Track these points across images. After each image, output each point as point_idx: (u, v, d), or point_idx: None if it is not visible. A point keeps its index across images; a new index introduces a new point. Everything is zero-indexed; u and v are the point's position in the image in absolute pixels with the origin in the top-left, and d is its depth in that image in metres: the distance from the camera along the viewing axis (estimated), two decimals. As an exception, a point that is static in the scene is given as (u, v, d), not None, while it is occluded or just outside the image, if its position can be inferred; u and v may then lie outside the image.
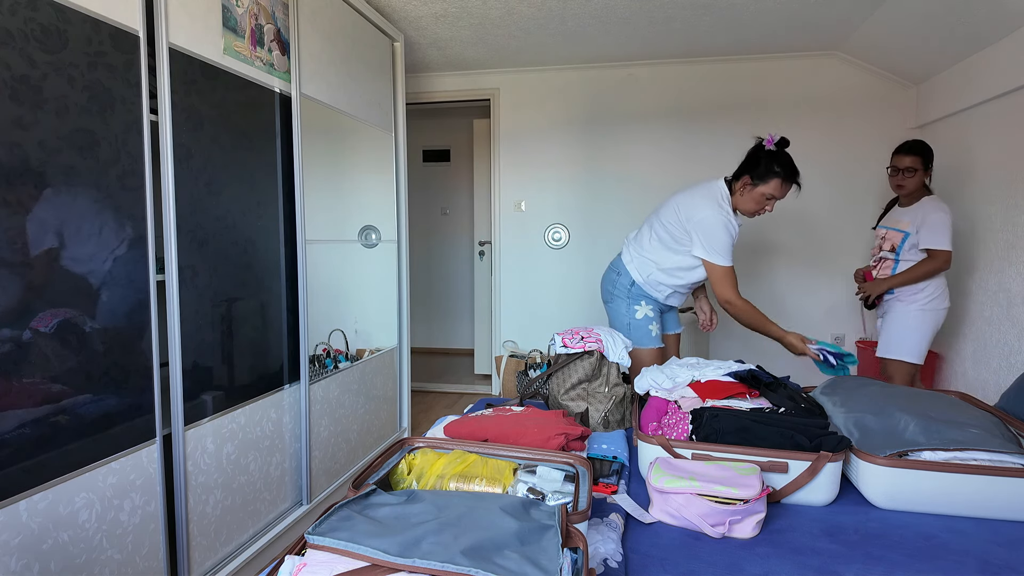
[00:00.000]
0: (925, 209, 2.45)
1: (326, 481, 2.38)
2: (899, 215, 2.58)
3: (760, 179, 2.06)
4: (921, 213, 2.45)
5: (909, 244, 2.49)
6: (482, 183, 4.48)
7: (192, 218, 1.69)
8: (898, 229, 2.53)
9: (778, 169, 2.03)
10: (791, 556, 1.08)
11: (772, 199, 2.07)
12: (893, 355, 2.54)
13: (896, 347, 2.53)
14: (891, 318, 2.57)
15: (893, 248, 2.54)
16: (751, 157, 2.09)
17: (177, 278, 1.63)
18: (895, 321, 2.54)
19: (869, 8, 2.79)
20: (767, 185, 2.05)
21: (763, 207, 2.10)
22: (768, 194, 2.06)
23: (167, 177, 1.59)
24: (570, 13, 2.92)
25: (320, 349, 2.43)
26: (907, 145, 2.51)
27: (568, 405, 1.78)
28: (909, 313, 2.50)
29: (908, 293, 2.51)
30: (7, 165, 1.19)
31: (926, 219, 2.43)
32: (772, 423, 1.35)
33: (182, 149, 1.65)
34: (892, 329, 2.55)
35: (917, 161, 2.47)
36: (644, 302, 2.25)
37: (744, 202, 2.11)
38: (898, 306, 2.54)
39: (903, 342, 2.51)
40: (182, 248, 1.65)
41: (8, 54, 1.19)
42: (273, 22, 2.03)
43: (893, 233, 2.56)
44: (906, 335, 2.50)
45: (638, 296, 2.26)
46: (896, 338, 2.53)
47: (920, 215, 2.46)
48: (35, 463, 1.25)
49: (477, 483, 1.10)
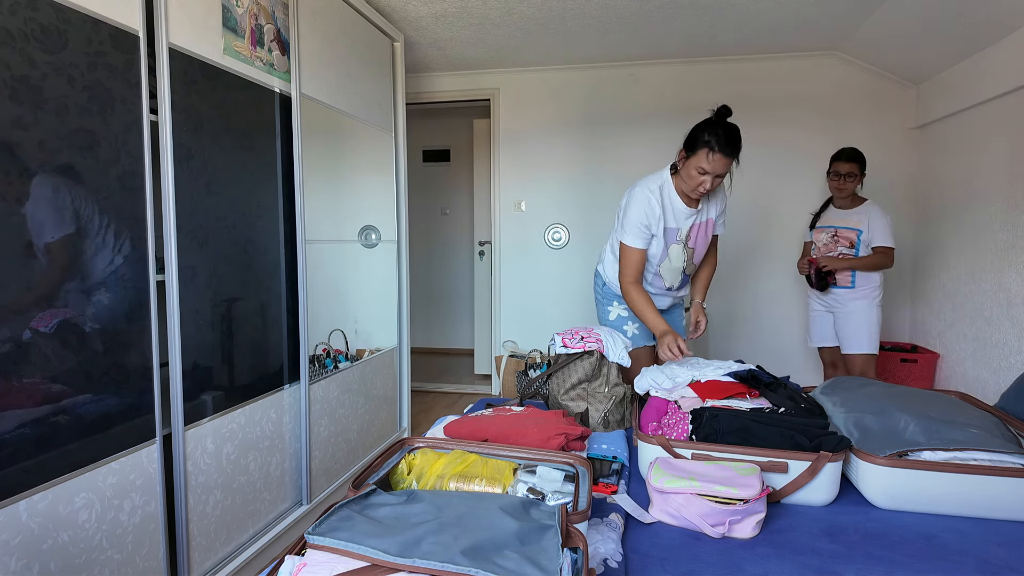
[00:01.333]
0: (873, 211, 2.73)
1: (326, 481, 2.38)
2: (844, 216, 2.79)
3: (690, 150, 1.85)
4: (868, 214, 2.73)
5: (863, 241, 2.74)
6: (482, 183, 4.48)
7: (192, 218, 1.69)
8: (851, 228, 2.77)
9: (707, 138, 1.79)
10: (791, 556, 1.08)
11: (705, 174, 1.82)
12: (866, 350, 2.75)
13: (867, 342, 2.75)
14: (856, 316, 2.76)
15: (852, 244, 2.77)
16: (690, 134, 1.88)
17: (177, 278, 1.63)
18: (860, 318, 2.75)
19: (869, 8, 2.79)
20: (696, 156, 1.82)
21: (698, 184, 1.85)
22: (699, 167, 1.82)
23: (167, 177, 1.59)
24: (570, 13, 2.92)
25: (320, 349, 2.43)
26: (847, 152, 2.74)
27: (568, 405, 1.78)
28: (872, 309, 2.75)
29: (868, 291, 2.75)
30: (7, 165, 1.19)
31: (875, 220, 2.71)
32: (772, 423, 1.35)
33: (182, 149, 1.65)
34: (858, 325, 2.76)
35: (855, 167, 2.72)
36: (616, 303, 2.24)
37: (681, 180, 1.92)
38: (861, 304, 2.76)
39: (871, 336, 2.74)
40: (182, 248, 1.65)
41: (8, 54, 1.19)
42: (273, 22, 2.03)
43: (847, 231, 2.78)
44: (873, 329, 2.75)
45: (610, 297, 2.26)
46: (864, 333, 2.75)
47: (867, 215, 2.73)
48: (35, 463, 1.25)
49: (477, 483, 1.10)
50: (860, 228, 2.73)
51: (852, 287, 2.76)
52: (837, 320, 2.83)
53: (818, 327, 2.93)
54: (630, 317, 2.22)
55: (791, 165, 3.62)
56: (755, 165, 3.64)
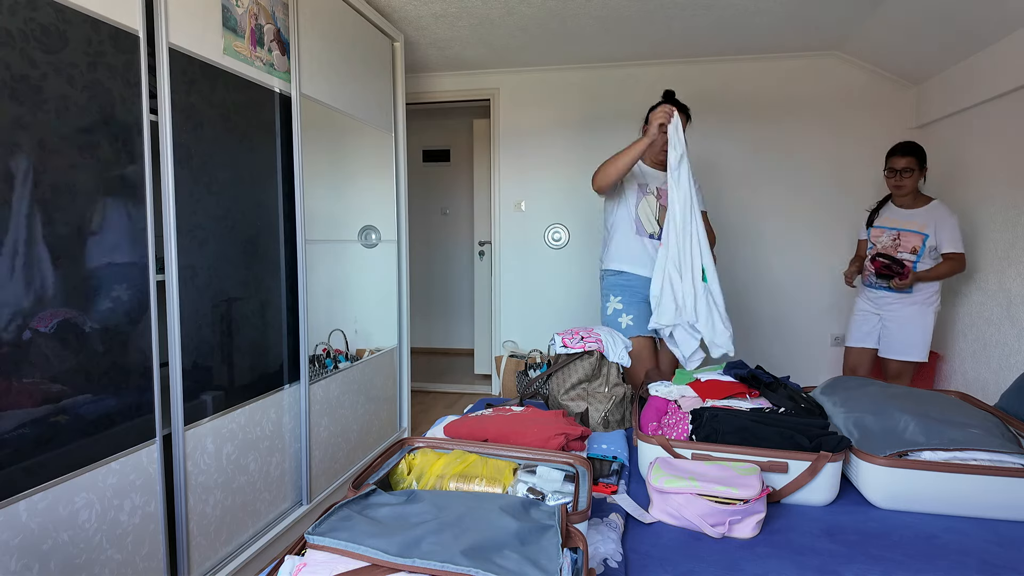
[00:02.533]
0: (939, 213, 2.51)
1: (326, 481, 2.38)
2: (905, 216, 2.60)
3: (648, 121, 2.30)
4: (934, 216, 2.51)
5: (929, 246, 2.53)
6: (482, 183, 4.48)
7: (192, 218, 1.69)
8: (915, 231, 2.56)
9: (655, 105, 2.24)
10: (791, 556, 1.08)
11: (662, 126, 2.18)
12: (915, 357, 2.58)
13: (918, 349, 2.58)
14: (909, 322, 2.58)
15: (915, 250, 2.55)
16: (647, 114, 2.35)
17: (177, 278, 1.63)
18: (916, 324, 2.57)
19: (869, 8, 2.79)
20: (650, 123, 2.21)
21: (662, 142, 2.24)
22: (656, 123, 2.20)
23: (167, 177, 1.59)
24: (570, 13, 2.92)
25: (320, 349, 2.43)
26: (902, 147, 2.58)
27: (568, 405, 1.78)
28: (927, 315, 2.56)
29: (924, 296, 2.56)
30: (7, 165, 1.19)
31: (942, 223, 2.49)
32: (772, 423, 1.35)
33: (182, 149, 1.65)
34: (912, 332, 2.57)
35: (913, 162, 2.54)
36: (612, 296, 2.39)
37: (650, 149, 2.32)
38: (915, 310, 2.57)
39: (922, 344, 2.57)
40: (182, 248, 1.65)
41: (8, 54, 1.19)
42: (273, 22, 2.03)
43: (911, 235, 2.57)
44: (926, 337, 2.56)
45: (607, 292, 2.41)
46: (916, 340, 2.57)
47: (933, 218, 2.51)
48: (35, 463, 1.25)
49: (477, 483, 1.10)
50: (926, 232, 2.51)
51: (909, 291, 2.57)
52: (885, 323, 2.65)
53: (860, 327, 2.74)
54: (625, 309, 2.35)
55: (791, 165, 3.62)
56: (755, 165, 3.64)
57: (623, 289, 2.37)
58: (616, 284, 2.38)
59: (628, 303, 2.35)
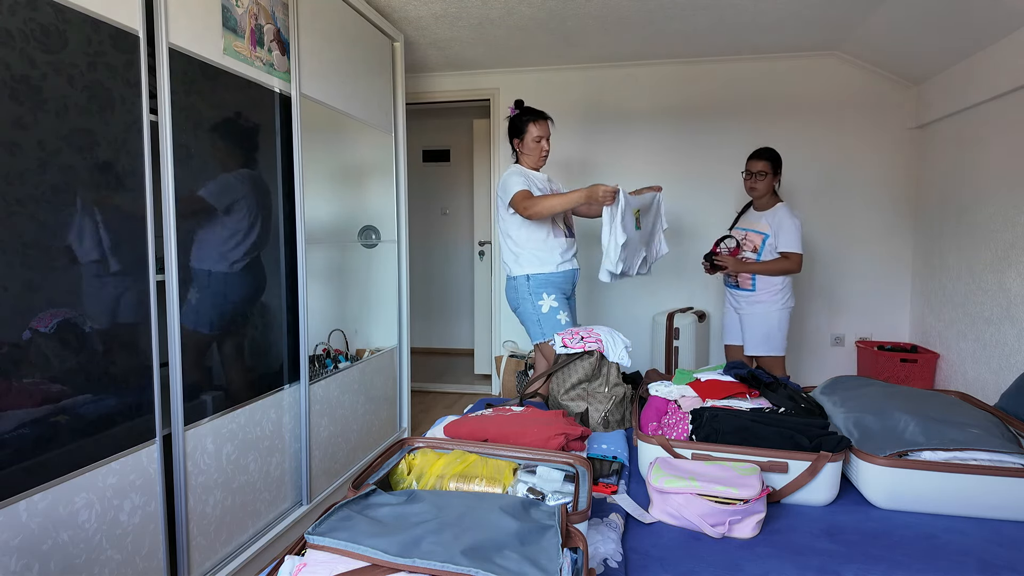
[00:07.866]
0: (780, 215, 2.69)
1: (326, 481, 2.38)
2: (755, 218, 2.78)
3: (520, 134, 2.49)
4: (777, 218, 2.69)
5: (768, 246, 2.71)
6: (482, 183, 4.47)
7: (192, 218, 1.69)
8: (757, 231, 2.74)
9: (526, 117, 2.47)
10: (791, 556, 1.08)
11: (540, 139, 2.46)
12: (769, 352, 2.77)
13: (770, 344, 2.75)
14: (757, 319, 2.76)
15: (755, 249, 2.75)
16: (510, 128, 2.53)
17: (177, 278, 1.63)
18: (762, 321, 2.75)
19: (869, 8, 2.79)
20: (528, 133, 2.46)
21: (541, 151, 2.49)
22: (535, 137, 2.46)
23: (167, 177, 1.59)
24: (570, 13, 2.92)
25: (320, 349, 2.43)
26: (759, 152, 2.73)
27: (568, 405, 1.78)
28: (772, 313, 2.73)
29: (769, 295, 2.73)
30: (7, 165, 1.19)
31: (782, 224, 2.67)
32: (772, 423, 1.35)
33: (182, 149, 1.65)
34: (760, 329, 2.76)
35: (767, 166, 2.70)
36: (545, 293, 2.44)
37: (528, 158, 2.50)
38: (761, 307, 2.75)
39: (773, 339, 2.75)
40: (182, 248, 1.65)
41: (8, 54, 1.19)
42: (273, 22, 2.03)
43: (753, 235, 2.76)
44: (775, 333, 2.75)
45: (538, 290, 2.44)
46: (768, 336, 2.75)
47: (776, 220, 2.69)
48: (35, 463, 1.25)
49: (477, 483, 1.10)
50: (767, 232, 2.69)
51: (753, 290, 2.74)
52: (743, 320, 2.82)
53: (727, 325, 2.93)
54: (561, 307, 2.44)
55: (790, 165, 3.62)
56: (755, 165, 3.63)
57: (555, 287, 2.45)
58: (548, 282, 2.44)
59: (560, 300, 2.45)
